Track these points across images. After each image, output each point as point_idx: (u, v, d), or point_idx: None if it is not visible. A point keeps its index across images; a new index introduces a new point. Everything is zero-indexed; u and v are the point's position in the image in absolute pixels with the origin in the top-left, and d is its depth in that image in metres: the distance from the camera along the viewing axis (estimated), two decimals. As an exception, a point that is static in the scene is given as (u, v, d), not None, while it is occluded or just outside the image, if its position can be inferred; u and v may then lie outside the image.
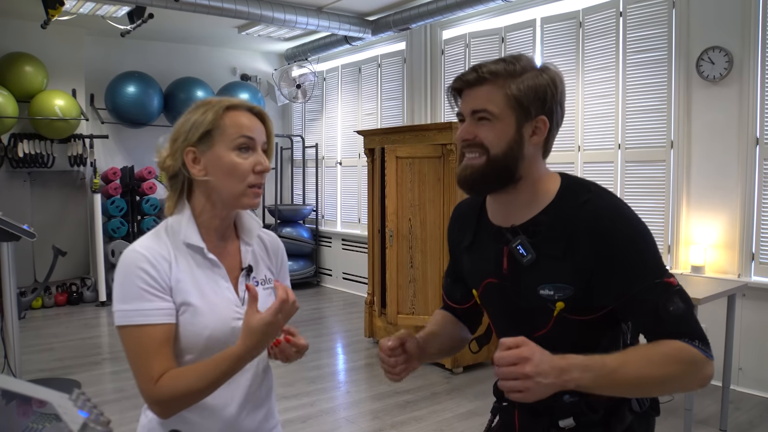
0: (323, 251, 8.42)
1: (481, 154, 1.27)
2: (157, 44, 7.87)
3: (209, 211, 1.38)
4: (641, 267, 1.22)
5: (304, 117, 8.85)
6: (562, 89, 1.28)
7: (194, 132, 1.33)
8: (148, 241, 1.34)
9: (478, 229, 1.42)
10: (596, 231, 1.23)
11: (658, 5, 4.67)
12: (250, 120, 1.36)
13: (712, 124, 4.44)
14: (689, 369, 1.18)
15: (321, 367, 4.99)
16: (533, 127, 1.26)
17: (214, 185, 1.34)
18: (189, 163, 1.34)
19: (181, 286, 1.31)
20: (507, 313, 1.39)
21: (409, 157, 4.93)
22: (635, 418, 1.33)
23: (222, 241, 1.41)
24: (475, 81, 1.26)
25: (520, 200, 1.31)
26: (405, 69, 7.02)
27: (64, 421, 0.61)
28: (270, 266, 1.51)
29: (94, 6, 5.82)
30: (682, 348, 1.18)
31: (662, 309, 1.19)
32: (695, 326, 1.20)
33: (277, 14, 6.12)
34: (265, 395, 1.47)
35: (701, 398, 4.11)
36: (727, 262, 4.40)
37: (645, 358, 1.17)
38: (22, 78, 6.52)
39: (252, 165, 1.34)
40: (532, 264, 1.28)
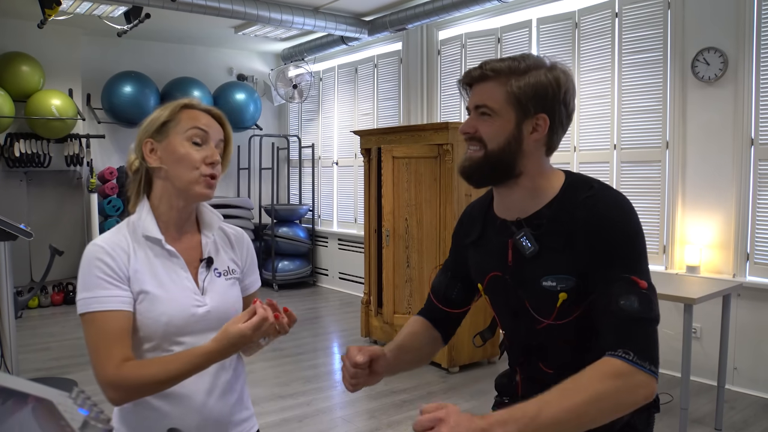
0: (320, 251, 8.43)
1: (480, 148, 1.32)
2: (154, 44, 7.87)
3: (166, 203, 1.44)
4: (621, 259, 1.24)
5: (300, 117, 8.86)
6: (567, 89, 1.30)
7: (152, 125, 1.43)
8: (109, 234, 1.42)
9: (486, 224, 1.45)
10: (593, 226, 1.26)
11: (653, 6, 4.69)
12: (206, 118, 1.45)
13: (707, 124, 4.46)
14: (616, 384, 1.13)
15: (317, 366, 5.00)
16: (533, 125, 1.29)
17: (168, 173, 1.41)
18: (146, 153, 1.42)
19: (138, 276, 1.37)
20: (511, 306, 1.41)
21: (405, 157, 4.94)
22: (635, 414, 1.32)
23: (181, 233, 1.47)
24: (479, 77, 1.32)
25: (523, 195, 1.35)
26: (401, 69, 7.03)
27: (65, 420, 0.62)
28: (234, 258, 1.56)
29: (91, 6, 5.81)
30: (605, 363, 1.16)
31: (614, 301, 1.20)
32: (641, 335, 1.18)
33: (273, 14, 6.13)
34: (234, 381, 1.51)
35: (696, 398, 4.13)
36: (722, 262, 4.42)
37: (565, 390, 1.13)
38: (19, 77, 6.51)
39: (204, 156, 1.41)
40: (534, 256, 1.31)
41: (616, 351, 1.16)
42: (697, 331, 4.42)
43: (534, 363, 1.41)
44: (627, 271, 1.23)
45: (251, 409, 1.59)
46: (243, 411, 1.54)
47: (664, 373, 4.60)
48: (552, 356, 1.37)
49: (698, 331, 4.42)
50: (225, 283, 1.48)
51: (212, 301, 1.44)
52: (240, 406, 1.52)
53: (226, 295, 1.47)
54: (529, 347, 1.41)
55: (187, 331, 1.40)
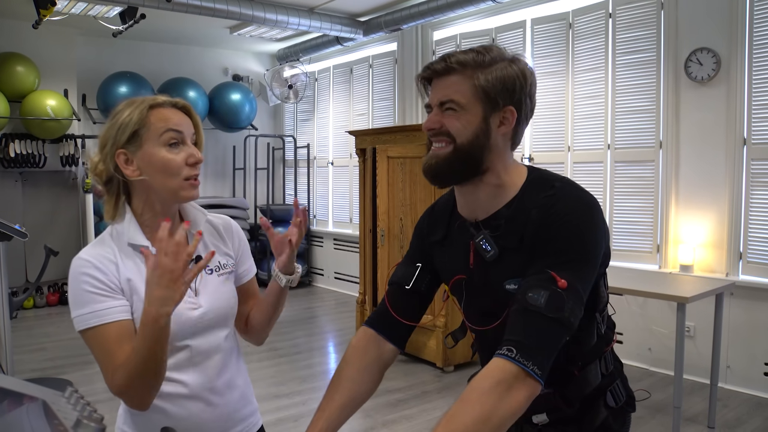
0: (315, 251, 8.43)
1: (448, 144, 1.25)
2: (149, 44, 7.86)
3: (150, 211, 1.39)
4: (555, 254, 1.19)
5: (295, 117, 8.86)
6: (532, 81, 1.27)
7: (122, 134, 1.34)
8: (93, 247, 1.36)
9: (450, 224, 1.40)
10: (543, 223, 1.22)
11: (646, 7, 4.71)
12: (175, 115, 1.37)
13: (700, 124, 4.48)
14: (498, 394, 1.08)
15: (313, 366, 5.01)
16: (501, 118, 1.25)
17: (151, 184, 1.35)
18: (121, 165, 1.35)
19: (131, 285, 1.33)
20: (477, 308, 1.38)
21: (400, 157, 4.95)
22: (610, 414, 1.34)
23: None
24: (444, 71, 1.25)
25: (485, 193, 1.30)
26: (396, 69, 7.04)
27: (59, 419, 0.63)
28: (226, 250, 1.52)
29: (86, 6, 5.81)
30: (490, 368, 1.12)
31: (522, 292, 1.17)
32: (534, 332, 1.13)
33: (268, 15, 6.14)
34: (236, 377, 1.51)
35: (690, 396, 4.15)
36: (716, 261, 4.45)
37: (450, 417, 1.07)
38: (14, 78, 6.50)
39: (184, 158, 1.35)
40: (495, 259, 1.27)
41: (501, 348, 1.13)
42: (690, 330, 4.45)
43: None
44: (552, 266, 1.17)
45: (255, 404, 1.58)
46: (247, 406, 1.53)
47: (658, 371, 4.62)
48: None
49: (691, 329, 4.45)
50: (218, 280, 1.46)
51: (206, 302, 1.42)
52: (244, 401, 1.52)
53: (220, 293, 1.45)
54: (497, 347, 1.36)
55: (186, 335, 1.38)
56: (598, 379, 1.32)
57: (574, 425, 1.33)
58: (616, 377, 1.37)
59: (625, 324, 4.76)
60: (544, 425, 1.35)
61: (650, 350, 4.68)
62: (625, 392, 1.37)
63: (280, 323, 6.28)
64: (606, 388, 1.34)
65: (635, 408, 1.41)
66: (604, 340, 1.36)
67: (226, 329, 1.49)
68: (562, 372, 1.30)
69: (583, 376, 1.31)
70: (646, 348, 4.70)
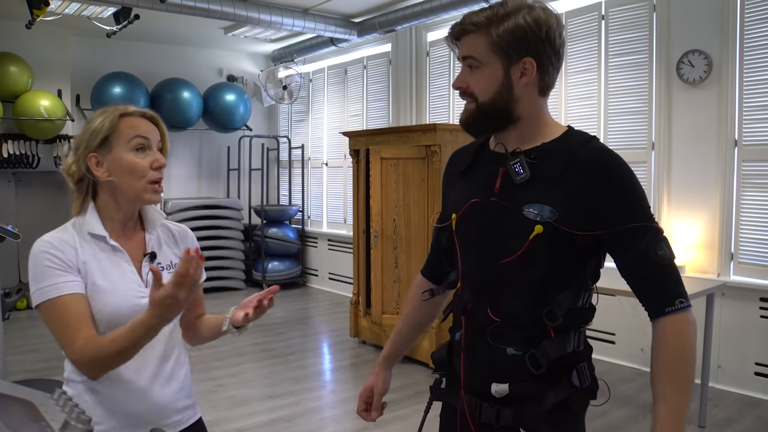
0: (309, 251, 8.44)
1: (471, 102, 1.36)
2: (143, 45, 7.86)
3: (113, 207, 1.52)
4: (639, 207, 1.29)
5: (290, 118, 8.87)
6: (549, 26, 1.30)
7: (94, 139, 1.48)
8: (55, 232, 1.49)
9: (477, 157, 1.46)
10: (598, 163, 1.30)
11: (639, 9, 4.74)
12: (144, 123, 1.52)
13: (692, 125, 4.51)
14: (693, 334, 1.28)
15: (306, 366, 5.02)
16: (521, 69, 1.31)
17: (118, 184, 1.49)
18: (93, 167, 1.49)
19: (87, 267, 1.45)
20: (480, 237, 1.40)
21: (393, 158, 4.96)
22: (574, 393, 1.33)
23: (125, 230, 1.55)
24: (460, 32, 1.35)
25: (523, 134, 1.37)
26: (390, 71, 7.06)
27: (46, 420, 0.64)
28: (178, 253, 1.64)
29: (80, 6, 5.81)
30: (675, 324, 1.27)
31: (653, 251, 1.26)
32: (676, 276, 1.29)
33: (262, 16, 6.14)
34: (177, 370, 1.59)
35: (681, 396, 4.17)
36: (707, 261, 4.48)
37: (676, 380, 1.26)
38: (7, 78, 6.48)
39: (150, 162, 1.50)
40: (524, 183, 1.32)
41: (674, 304, 1.27)
42: (682, 331, 4.47)
43: (483, 308, 1.38)
44: (651, 220, 1.29)
45: (193, 399, 1.67)
46: (185, 399, 1.61)
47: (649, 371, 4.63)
48: (506, 300, 1.36)
49: (683, 330, 4.47)
50: (167, 276, 1.51)
51: None
52: (182, 394, 1.60)
53: None
54: (483, 286, 1.39)
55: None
56: (570, 347, 1.34)
57: (534, 402, 1.33)
58: (585, 359, 1.38)
59: (617, 324, 4.79)
60: (502, 401, 1.35)
61: (642, 350, 4.70)
62: (590, 377, 1.39)
63: (274, 324, 6.30)
64: (574, 365, 1.35)
65: (596, 397, 1.42)
66: (584, 315, 1.38)
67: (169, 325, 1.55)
68: (539, 328, 1.33)
69: (558, 338, 1.32)
70: (639, 348, 4.72)
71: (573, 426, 1.38)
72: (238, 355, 5.24)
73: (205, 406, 4.06)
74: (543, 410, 1.31)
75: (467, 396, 1.42)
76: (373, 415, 1.68)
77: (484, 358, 1.38)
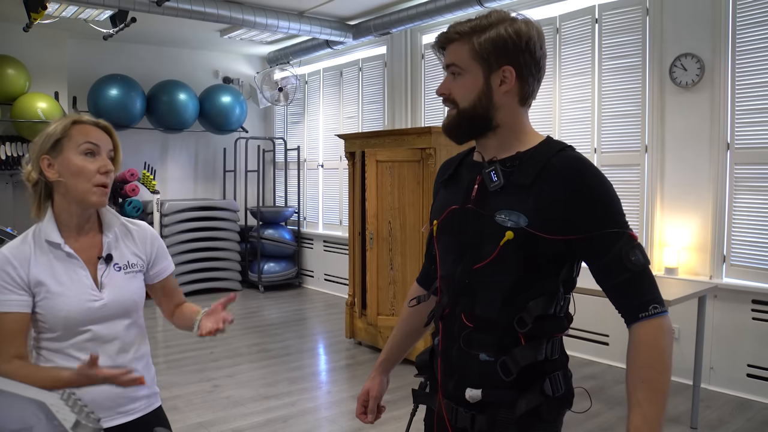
0: (305, 253, 8.47)
1: (453, 108, 1.41)
2: (140, 47, 7.88)
3: (66, 210, 1.62)
4: (611, 213, 1.31)
5: (286, 120, 8.89)
6: (529, 37, 1.36)
7: (47, 142, 1.59)
8: (16, 242, 1.61)
9: (460, 166, 1.52)
10: (570, 170, 1.32)
11: (632, 12, 4.78)
12: (95, 131, 1.63)
13: (684, 129, 4.55)
14: (669, 343, 1.28)
15: (303, 367, 5.04)
16: (501, 77, 1.36)
17: (66, 185, 1.59)
18: (44, 168, 1.59)
19: (39, 279, 1.56)
20: (458, 242, 1.43)
21: (389, 161, 4.99)
22: (545, 402, 1.34)
23: (81, 235, 1.65)
24: (445, 41, 1.41)
25: (501, 142, 1.41)
26: (386, 73, 7.09)
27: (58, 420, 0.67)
28: (138, 253, 1.74)
29: (77, 9, 5.83)
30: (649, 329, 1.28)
31: (625, 257, 1.28)
32: (651, 282, 1.30)
33: (258, 19, 6.17)
34: (135, 363, 1.70)
35: (672, 397, 4.21)
36: (700, 263, 4.52)
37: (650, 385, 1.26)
38: (4, 80, 6.49)
39: (97, 167, 1.59)
40: (498, 191, 1.36)
41: (648, 310, 1.28)
42: (675, 333, 4.52)
43: (458, 313, 1.42)
44: (624, 227, 1.31)
45: (154, 389, 1.80)
46: (143, 389, 1.71)
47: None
48: (479, 305, 1.38)
49: (676, 332, 4.52)
50: (124, 276, 1.67)
51: (109, 295, 1.62)
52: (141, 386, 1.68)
53: (124, 288, 1.67)
54: (458, 291, 1.42)
55: (88, 322, 1.59)
56: (541, 355, 1.35)
57: (507, 409, 1.35)
58: (559, 368, 1.39)
59: (612, 326, 4.82)
60: (477, 407, 1.38)
61: (636, 351, 4.73)
62: (564, 386, 1.39)
63: (270, 324, 6.33)
64: (546, 373, 1.36)
65: (572, 405, 1.43)
66: (556, 323, 1.38)
67: (128, 320, 1.69)
68: (511, 335, 1.35)
69: (529, 346, 1.34)
70: (632, 349, 4.75)
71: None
72: (235, 356, 5.26)
73: (201, 406, 4.10)
74: (514, 417, 1.33)
75: (445, 400, 1.45)
76: (370, 418, 1.72)
77: (459, 363, 1.41)
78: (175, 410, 4.03)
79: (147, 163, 7.76)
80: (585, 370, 4.74)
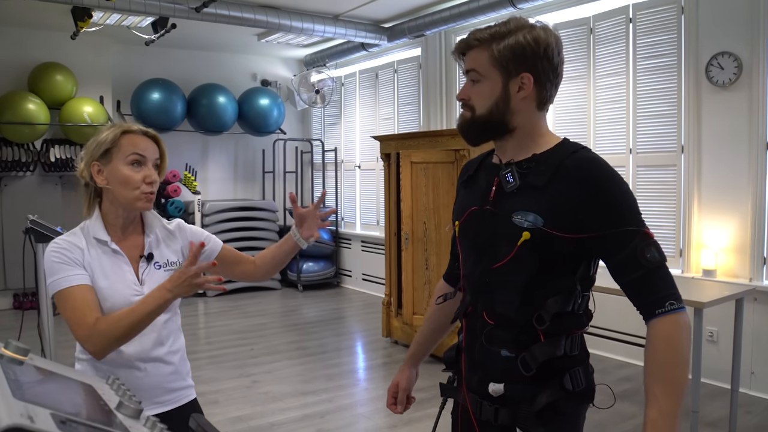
0: (343, 252, 8.57)
1: (468, 111, 1.46)
2: (180, 52, 8.09)
3: (113, 212, 1.73)
4: (626, 211, 1.35)
5: (323, 121, 9.01)
6: (547, 44, 1.39)
7: (98, 149, 1.70)
8: (66, 235, 1.71)
9: (479, 168, 1.57)
10: (584, 171, 1.36)
11: (667, 11, 4.74)
12: (143, 141, 1.72)
13: (722, 128, 4.49)
14: (687, 337, 1.30)
15: (339, 365, 5.13)
16: (519, 84, 1.40)
17: (114, 192, 1.70)
18: (95, 173, 1.70)
19: (90, 268, 1.67)
20: (478, 242, 1.49)
21: (423, 162, 5.05)
22: (564, 396, 1.39)
23: (125, 234, 1.76)
24: (465, 47, 1.45)
25: (518, 145, 1.46)
26: (421, 74, 7.14)
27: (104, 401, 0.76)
28: (176, 249, 1.84)
29: (120, 17, 6.03)
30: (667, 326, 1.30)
31: (640, 254, 1.31)
32: (667, 279, 1.33)
33: (294, 23, 6.28)
34: (171, 356, 1.79)
35: (711, 401, 4.17)
36: (738, 265, 4.45)
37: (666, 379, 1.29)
38: (53, 86, 6.77)
39: (143, 177, 1.69)
40: (514, 192, 1.41)
41: (664, 306, 1.31)
42: (713, 335, 4.46)
43: (479, 311, 1.47)
44: (639, 224, 1.34)
45: (189, 381, 1.87)
46: (179, 381, 1.82)
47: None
48: (499, 303, 1.43)
49: (714, 335, 4.46)
50: (163, 274, 1.75)
51: (149, 290, 1.68)
52: (176, 376, 1.81)
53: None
54: (479, 291, 1.48)
55: None
56: (560, 351, 1.38)
57: (528, 402, 1.40)
58: (579, 364, 1.42)
59: (646, 326, 4.77)
60: (500, 400, 1.43)
61: (672, 353, 4.68)
62: (585, 381, 1.42)
63: (308, 323, 6.45)
64: (566, 369, 1.40)
65: (593, 400, 1.46)
66: (576, 320, 1.42)
67: (165, 314, 1.75)
68: (530, 332, 1.39)
69: (547, 342, 1.38)
70: (668, 350, 4.70)
71: (567, 428, 1.43)
72: (273, 353, 5.39)
73: (240, 401, 4.23)
74: (534, 411, 1.38)
75: (469, 394, 1.51)
76: (399, 409, 1.79)
77: (481, 359, 1.47)
78: (216, 404, 4.16)
79: (188, 165, 7.97)
80: (621, 372, 4.71)
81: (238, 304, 7.24)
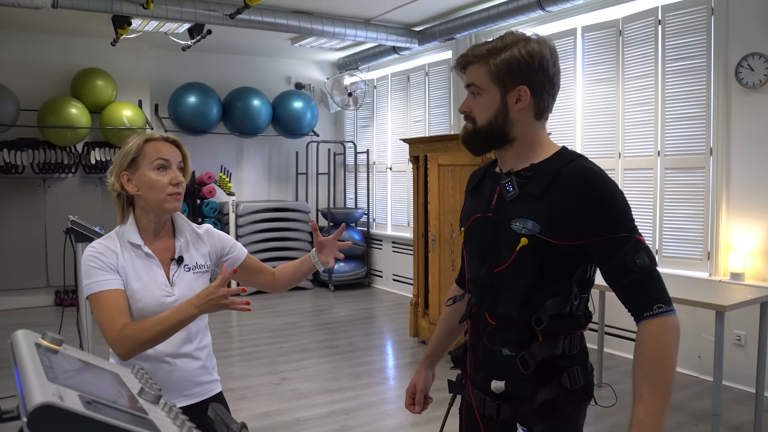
0: (374, 253, 8.67)
1: (470, 123, 1.54)
2: (216, 56, 8.29)
3: (145, 217, 1.85)
4: (618, 218, 1.41)
5: (356, 124, 9.13)
6: (542, 57, 1.46)
7: (125, 160, 1.82)
8: (103, 239, 1.83)
9: (483, 177, 1.65)
10: (578, 179, 1.43)
11: (696, 13, 4.72)
12: (166, 147, 1.84)
13: (751, 130, 4.46)
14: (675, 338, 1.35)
15: (366, 363, 5.23)
16: (516, 96, 1.47)
17: (144, 198, 1.82)
18: (125, 183, 1.82)
19: (124, 271, 1.78)
20: (481, 247, 1.57)
21: (450, 165, 5.11)
22: (563, 394, 1.45)
23: (157, 239, 1.87)
24: (464, 63, 1.53)
25: (518, 154, 1.53)
26: (451, 77, 7.20)
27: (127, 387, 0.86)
28: (205, 253, 1.95)
29: (158, 24, 6.23)
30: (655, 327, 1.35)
31: (631, 260, 1.37)
32: (658, 284, 1.38)
33: (326, 27, 6.41)
34: (198, 352, 1.90)
35: (736, 405, 4.15)
36: (767, 269, 4.41)
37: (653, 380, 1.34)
38: (94, 91, 7.03)
39: (169, 180, 1.81)
40: (513, 200, 1.49)
41: (652, 309, 1.36)
42: (741, 339, 4.43)
43: (483, 312, 1.55)
44: (631, 231, 1.40)
45: (215, 376, 1.99)
46: (206, 375, 1.94)
47: (707, 379, 4.58)
48: (501, 305, 1.51)
49: (742, 338, 4.43)
50: (192, 276, 1.88)
51: (180, 292, 1.82)
52: (203, 371, 1.92)
53: (193, 286, 1.86)
54: (483, 293, 1.55)
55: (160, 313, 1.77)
56: (558, 350, 1.45)
57: (528, 399, 1.47)
58: (578, 363, 1.49)
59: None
60: (502, 397, 1.51)
61: (700, 358, 4.67)
62: (583, 379, 1.48)
63: (338, 322, 6.57)
64: (565, 368, 1.46)
65: (592, 397, 1.53)
66: (574, 321, 1.48)
67: None
68: (530, 333, 1.47)
69: (546, 342, 1.45)
70: (696, 355, 4.69)
71: (566, 425, 1.50)
72: (303, 351, 5.51)
73: (268, 397, 4.36)
74: (533, 407, 1.45)
75: (474, 390, 1.60)
76: (417, 409, 1.89)
77: (484, 357, 1.56)
78: (245, 400, 4.30)
79: (223, 167, 8.16)
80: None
81: (270, 303, 7.40)
